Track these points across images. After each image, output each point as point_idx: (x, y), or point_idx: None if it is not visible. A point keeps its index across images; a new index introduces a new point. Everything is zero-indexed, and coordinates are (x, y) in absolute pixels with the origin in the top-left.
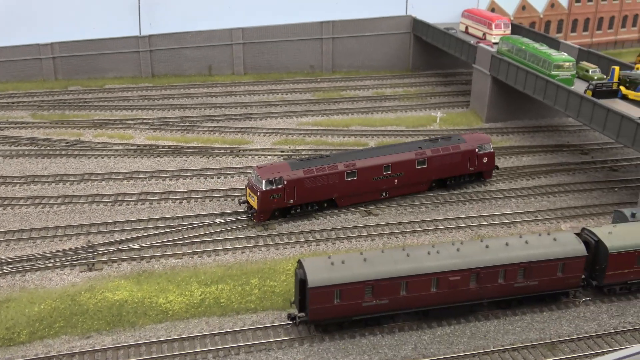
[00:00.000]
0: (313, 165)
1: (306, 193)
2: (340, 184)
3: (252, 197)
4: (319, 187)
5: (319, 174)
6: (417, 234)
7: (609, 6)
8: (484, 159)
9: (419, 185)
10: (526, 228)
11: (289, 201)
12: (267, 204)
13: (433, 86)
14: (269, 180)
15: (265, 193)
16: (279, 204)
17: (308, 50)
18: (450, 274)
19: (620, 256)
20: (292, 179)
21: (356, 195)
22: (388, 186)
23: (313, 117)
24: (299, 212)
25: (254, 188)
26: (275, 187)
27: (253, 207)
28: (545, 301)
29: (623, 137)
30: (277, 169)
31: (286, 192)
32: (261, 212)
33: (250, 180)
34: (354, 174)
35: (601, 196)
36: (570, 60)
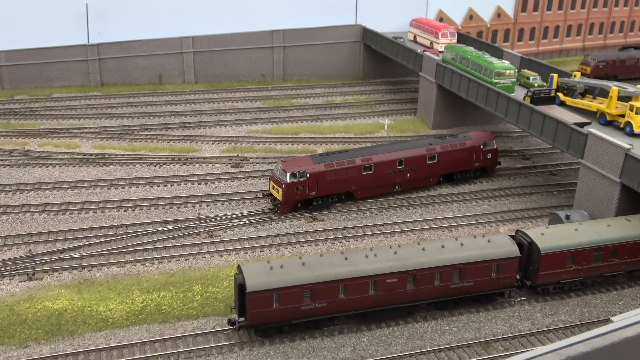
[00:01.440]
0: (333, 160)
1: (327, 185)
2: (358, 178)
3: (276, 190)
4: (338, 180)
5: (338, 168)
6: (361, 239)
7: (553, 16)
8: (488, 155)
9: (429, 179)
10: (467, 231)
11: (311, 193)
12: (291, 195)
13: (382, 94)
14: (292, 173)
15: (289, 185)
16: (301, 196)
17: (259, 59)
18: (388, 277)
19: (552, 256)
20: (314, 172)
21: (372, 188)
22: (401, 180)
23: (263, 125)
24: (320, 204)
25: (278, 181)
26: (298, 180)
27: (277, 198)
28: (481, 301)
29: (558, 142)
30: (300, 162)
31: (309, 184)
32: (285, 204)
33: (274, 173)
34: (370, 168)
35: (540, 199)
36: (510, 68)
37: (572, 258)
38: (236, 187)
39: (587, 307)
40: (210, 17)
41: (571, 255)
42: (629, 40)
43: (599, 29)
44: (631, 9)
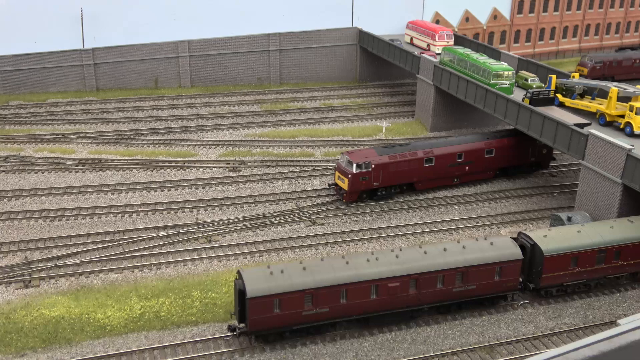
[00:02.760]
0: (396, 152)
1: (390, 176)
2: (419, 169)
3: (341, 180)
4: (401, 171)
5: (401, 160)
6: (361, 242)
7: (549, 17)
8: (544, 150)
9: (486, 172)
10: (467, 234)
11: (375, 183)
12: (356, 185)
13: (380, 97)
14: (358, 164)
15: (355, 175)
16: (366, 186)
17: (255, 63)
18: (390, 281)
19: (555, 259)
20: (379, 163)
21: (432, 180)
22: (460, 173)
23: (260, 129)
24: (383, 194)
25: (344, 171)
26: (364, 171)
27: (343, 188)
28: (485, 305)
29: (559, 143)
30: (366, 154)
31: (373, 175)
32: (351, 193)
33: (339, 164)
34: (431, 161)
35: (540, 201)
36: (509, 69)
37: (575, 260)
38: (234, 191)
39: (590, 309)
40: (206, 21)
41: (574, 257)
42: (625, 41)
43: (595, 30)
44: (627, 10)
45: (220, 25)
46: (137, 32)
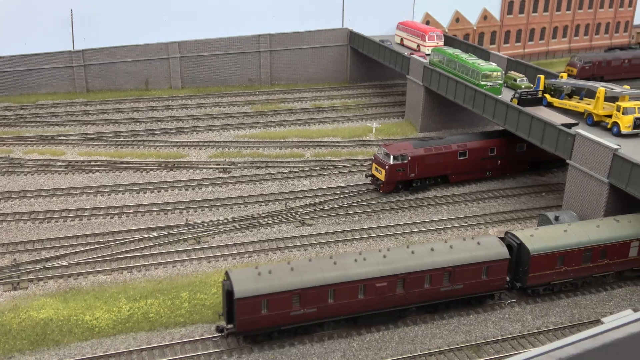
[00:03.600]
0: (432, 145)
1: (425, 168)
2: (453, 162)
3: (378, 171)
4: (436, 163)
5: (436, 152)
6: (350, 243)
7: (539, 18)
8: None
9: (518, 167)
10: (456, 233)
11: (410, 175)
12: (393, 176)
13: (370, 97)
14: (395, 156)
15: (392, 167)
16: (402, 177)
17: (246, 64)
18: (377, 281)
19: (541, 258)
20: (415, 155)
21: (465, 173)
22: (492, 166)
23: (250, 130)
24: (419, 185)
25: (381, 162)
26: (400, 162)
27: (379, 179)
28: (472, 304)
29: (546, 143)
30: (402, 146)
31: (409, 166)
32: (387, 184)
33: (377, 156)
34: (465, 154)
35: (529, 201)
36: (497, 70)
37: (561, 259)
38: (224, 192)
39: (577, 308)
40: (197, 23)
41: (561, 256)
42: (614, 42)
43: (585, 31)
44: (616, 11)
45: (211, 27)
46: (128, 34)
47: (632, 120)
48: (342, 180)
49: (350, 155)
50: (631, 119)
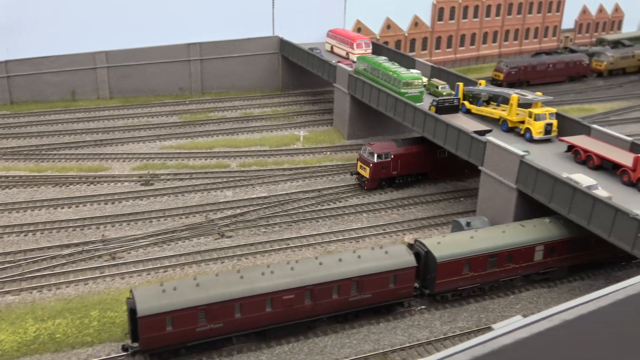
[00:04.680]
0: (413, 144)
1: (407, 166)
2: (433, 160)
3: (363, 169)
4: (417, 162)
5: (417, 151)
6: (268, 254)
7: (469, 24)
8: None
9: None
10: (374, 241)
11: (393, 172)
12: (377, 173)
13: (301, 105)
14: (379, 154)
15: (376, 165)
16: (385, 174)
17: (176, 73)
18: (284, 293)
19: (448, 264)
20: (397, 153)
21: (444, 171)
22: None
23: (177, 141)
24: (401, 182)
25: (366, 161)
26: (384, 160)
27: (364, 176)
28: (382, 312)
29: (461, 150)
30: (386, 145)
31: (392, 164)
32: (371, 180)
33: (361, 155)
34: (444, 152)
35: (447, 206)
36: (418, 77)
37: (468, 265)
38: (144, 205)
39: (484, 312)
40: (124, 31)
41: (467, 262)
42: (543, 46)
43: (515, 35)
44: (544, 16)
45: (139, 36)
46: (53, 44)
47: (543, 126)
48: (266, 190)
49: (276, 165)
50: (542, 125)
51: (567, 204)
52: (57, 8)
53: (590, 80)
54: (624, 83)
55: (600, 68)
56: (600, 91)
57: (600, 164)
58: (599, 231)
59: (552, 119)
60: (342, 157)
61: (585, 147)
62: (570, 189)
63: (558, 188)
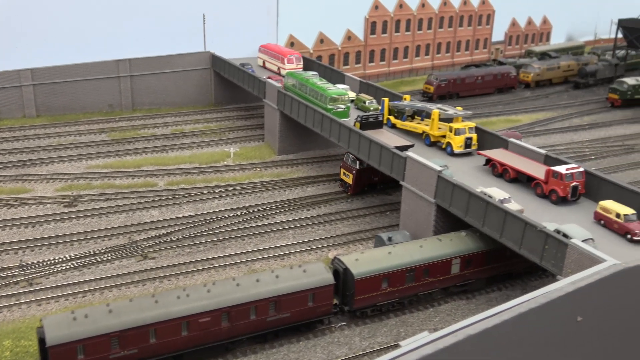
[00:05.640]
0: None
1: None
2: None
3: (346, 175)
4: None
5: None
6: (191, 275)
7: (402, 37)
8: None
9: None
10: (299, 258)
11: (375, 178)
12: (359, 180)
13: (234, 120)
14: (361, 162)
15: (359, 171)
16: (367, 181)
17: (106, 90)
18: (200, 316)
19: (366, 281)
20: None
21: None
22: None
23: (104, 159)
24: (382, 187)
25: (349, 168)
26: (365, 167)
27: (348, 183)
28: (302, 331)
29: (384, 165)
30: None
31: (373, 171)
32: (355, 186)
33: (345, 162)
34: None
35: (373, 221)
36: (344, 93)
37: (386, 280)
38: (66, 228)
39: (404, 326)
40: (51, 48)
41: (385, 277)
42: (475, 58)
43: (447, 48)
44: (475, 29)
45: (67, 52)
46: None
47: (463, 140)
48: (193, 209)
49: (205, 182)
50: (462, 139)
51: (481, 217)
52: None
53: (518, 91)
54: (550, 94)
55: (528, 79)
56: (527, 102)
57: (515, 177)
58: (511, 244)
59: (472, 133)
60: (272, 173)
61: (501, 161)
62: (483, 203)
63: (473, 202)
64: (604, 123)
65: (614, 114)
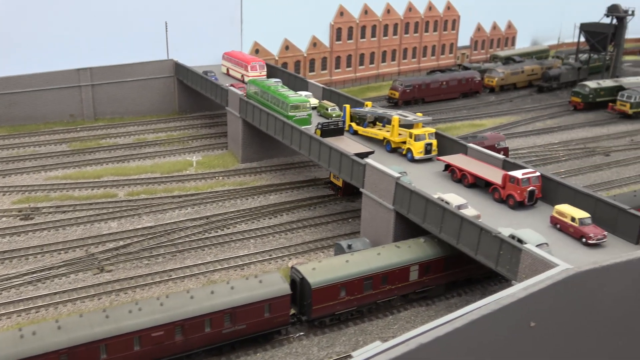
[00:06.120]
0: None
1: None
2: None
3: (336, 178)
4: None
5: None
6: (148, 287)
7: (368, 43)
8: (501, 152)
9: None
10: (259, 268)
11: None
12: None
13: (198, 128)
14: None
15: None
16: None
17: (67, 99)
18: (153, 330)
19: (323, 290)
20: None
21: None
22: None
23: (64, 170)
24: None
25: None
26: None
27: (338, 185)
28: (259, 342)
29: (344, 172)
30: None
31: None
32: (345, 189)
33: None
34: None
35: (335, 228)
36: (305, 101)
37: (344, 289)
38: (22, 242)
39: (363, 335)
40: (11, 57)
41: (342, 286)
42: (441, 63)
43: (413, 53)
44: (440, 34)
45: (27, 62)
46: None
47: (423, 146)
48: (153, 220)
49: (166, 192)
50: (422, 145)
51: (438, 223)
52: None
53: (483, 96)
54: (514, 98)
55: (492, 84)
56: (492, 106)
57: (474, 182)
58: (467, 249)
59: (432, 139)
60: (235, 182)
61: (460, 166)
62: (440, 209)
63: (430, 208)
64: (567, 126)
65: (576, 117)
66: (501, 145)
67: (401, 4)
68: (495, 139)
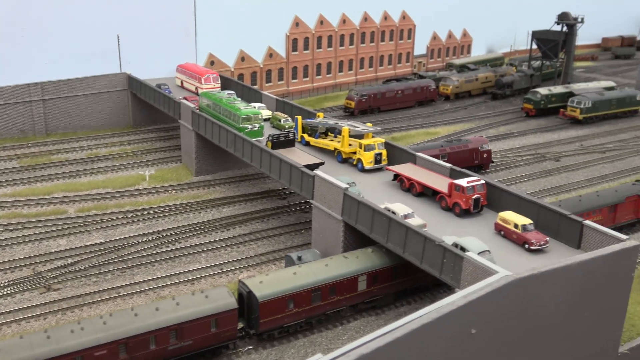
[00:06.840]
0: None
1: None
2: None
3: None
4: None
5: None
6: (96, 305)
7: (324, 53)
8: (484, 154)
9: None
10: (209, 282)
11: None
12: None
13: (152, 142)
14: None
15: None
16: None
17: (17, 115)
18: (95, 350)
19: (270, 303)
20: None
21: None
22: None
23: (13, 188)
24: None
25: None
26: None
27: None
28: (207, 357)
29: (294, 184)
30: None
31: None
32: None
33: None
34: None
35: (288, 240)
36: (257, 112)
37: (291, 301)
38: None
39: (312, 346)
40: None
41: (290, 299)
42: (398, 72)
43: (370, 63)
44: (397, 43)
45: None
46: None
47: (373, 156)
48: (103, 236)
49: (118, 207)
50: (372, 155)
51: (385, 233)
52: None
53: (438, 104)
54: (469, 105)
55: (447, 92)
56: (447, 114)
57: (422, 191)
58: (413, 258)
59: (382, 149)
60: (188, 195)
61: (408, 175)
62: (386, 219)
63: (377, 218)
64: (519, 132)
65: (528, 123)
66: (484, 147)
67: (357, 13)
68: (479, 142)
